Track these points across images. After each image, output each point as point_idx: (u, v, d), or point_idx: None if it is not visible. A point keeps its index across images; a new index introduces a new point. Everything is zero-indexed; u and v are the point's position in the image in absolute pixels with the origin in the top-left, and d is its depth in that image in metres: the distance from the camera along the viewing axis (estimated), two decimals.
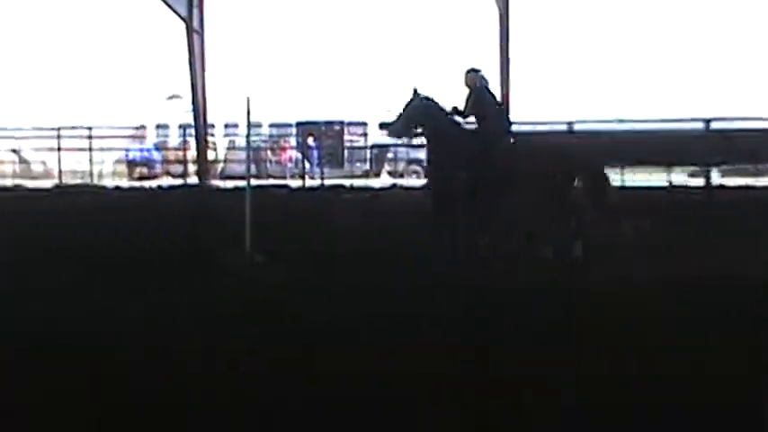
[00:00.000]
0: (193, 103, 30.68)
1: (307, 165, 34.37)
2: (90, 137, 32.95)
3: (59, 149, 33.06)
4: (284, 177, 33.61)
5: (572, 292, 10.55)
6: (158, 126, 38.54)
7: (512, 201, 13.34)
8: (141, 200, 24.97)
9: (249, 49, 40.80)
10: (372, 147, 36.79)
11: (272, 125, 37.03)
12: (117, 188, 29.91)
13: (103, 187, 30.24)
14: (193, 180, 31.73)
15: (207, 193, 27.89)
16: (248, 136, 14.72)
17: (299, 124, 37.10)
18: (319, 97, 37.66)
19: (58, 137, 32.92)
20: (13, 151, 36.25)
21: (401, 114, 13.60)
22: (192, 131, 31.64)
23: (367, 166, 36.44)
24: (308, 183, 31.62)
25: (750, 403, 6.47)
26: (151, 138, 38.35)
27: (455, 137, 13.54)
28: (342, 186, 29.27)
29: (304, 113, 36.90)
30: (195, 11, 29.99)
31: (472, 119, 13.73)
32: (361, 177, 34.48)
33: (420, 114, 13.53)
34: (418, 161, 35.11)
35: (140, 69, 43.25)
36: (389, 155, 36.18)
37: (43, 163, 35.78)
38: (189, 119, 31.90)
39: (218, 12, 32.07)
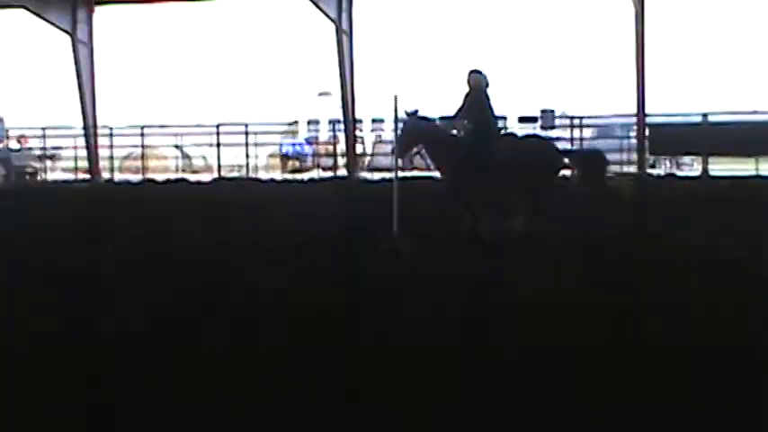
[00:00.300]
0: (342, 99, 31.21)
1: None
2: (246, 133, 33.70)
3: (219, 145, 33.97)
4: (428, 169, 33.89)
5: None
6: (310, 122, 39.18)
7: (505, 192, 13.90)
8: (295, 191, 25.53)
9: (395, 48, 41.25)
10: None
11: None
12: (272, 180, 30.53)
13: (259, 179, 30.92)
14: (342, 172, 32.22)
15: (355, 184, 28.29)
16: (396, 131, 15.08)
17: (441, 119, 37.40)
18: (460, 93, 37.78)
19: (218, 133, 33.82)
20: (177, 147, 37.40)
21: (400, 137, 14.53)
22: (342, 126, 32.16)
23: None
24: None
25: None
26: (303, 133, 38.98)
27: (449, 144, 14.36)
28: None
29: (446, 108, 37.14)
30: (344, 13, 30.55)
31: (464, 119, 14.44)
32: None
33: (415, 133, 14.52)
34: None
35: (293, 69, 44.10)
36: None
37: (203, 157, 36.73)
38: (338, 114, 32.42)
39: (365, 13, 32.60)
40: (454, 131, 14.80)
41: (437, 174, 15.20)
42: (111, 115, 34.49)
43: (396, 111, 14.25)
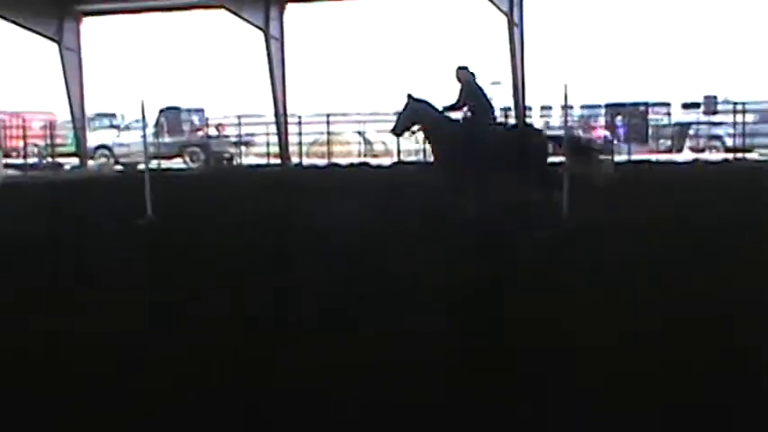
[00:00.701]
0: (513, 87, 31.20)
1: (614, 142, 34.37)
2: None
3: None
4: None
5: None
6: None
7: (501, 172, 14.20)
8: None
9: (564, 39, 40.98)
10: (675, 125, 36.38)
11: (583, 107, 37.15)
12: None
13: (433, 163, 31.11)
14: None
15: None
16: (565, 117, 15.12)
17: (607, 106, 37.12)
18: (626, 80, 37.40)
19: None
20: (359, 133, 37.95)
21: (400, 116, 14.70)
22: (512, 113, 32.16)
23: (669, 143, 36.04)
24: (616, 158, 31.60)
25: None
26: None
27: (447, 126, 14.42)
28: (647, 161, 29.11)
29: (612, 96, 36.86)
30: (515, 7, 30.52)
31: (465, 107, 14.52)
32: (664, 153, 34.16)
33: (415, 114, 14.51)
34: (718, 137, 34.50)
35: (466, 59, 44.20)
36: (691, 132, 35.67)
37: (383, 143, 37.16)
38: (509, 102, 32.41)
39: (536, 6, 32.54)
40: (453, 116, 14.83)
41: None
42: (299, 104, 35.23)
43: (566, 98, 14.27)
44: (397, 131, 14.97)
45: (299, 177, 26.66)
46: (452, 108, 14.68)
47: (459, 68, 14.59)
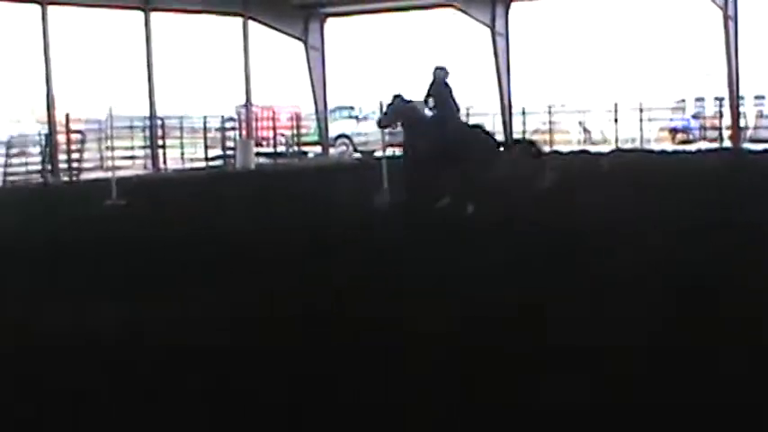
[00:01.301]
0: (728, 78, 30.50)
1: None
2: (641, 109, 33.85)
3: (616, 121, 34.30)
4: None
5: None
6: (696, 99, 38.49)
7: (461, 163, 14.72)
8: (682, 161, 25.42)
9: None
10: None
11: None
12: (662, 151, 30.43)
13: (651, 151, 30.88)
14: (727, 144, 31.69)
15: (739, 155, 27.77)
16: None
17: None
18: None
19: (615, 110, 34.19)
20: (579, 123, 37.96)
21: (388, 111, 15.69)
22: (726, 102, 31.49)
23: None
24: None
25: None
26: (690, 109, 38.36)
27: (423, 125, 15.29)
28: None
29: None
30: (731, 1, 29.82)
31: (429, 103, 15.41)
32: None
33: (400, 111, 15.50)
34: None
35: (682, 51, 43.34)
36: None
37: (602, 132, 37.03)
38: (723, 92, 31.73)
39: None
40: (428, 112, 15.68)
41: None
42: (523, 96, 35.35)
43: None
44: (382, 125, 16.26)
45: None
46: (425, 101, 15.62)
47: (437, 68, 15.47)
